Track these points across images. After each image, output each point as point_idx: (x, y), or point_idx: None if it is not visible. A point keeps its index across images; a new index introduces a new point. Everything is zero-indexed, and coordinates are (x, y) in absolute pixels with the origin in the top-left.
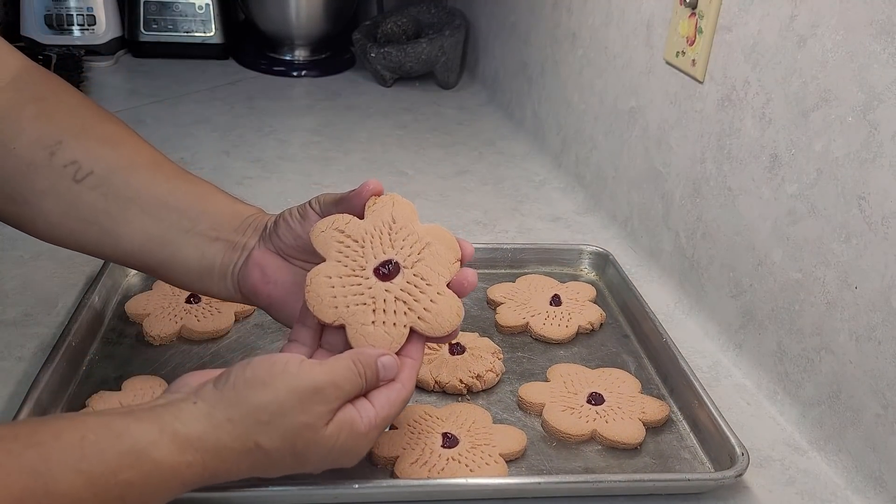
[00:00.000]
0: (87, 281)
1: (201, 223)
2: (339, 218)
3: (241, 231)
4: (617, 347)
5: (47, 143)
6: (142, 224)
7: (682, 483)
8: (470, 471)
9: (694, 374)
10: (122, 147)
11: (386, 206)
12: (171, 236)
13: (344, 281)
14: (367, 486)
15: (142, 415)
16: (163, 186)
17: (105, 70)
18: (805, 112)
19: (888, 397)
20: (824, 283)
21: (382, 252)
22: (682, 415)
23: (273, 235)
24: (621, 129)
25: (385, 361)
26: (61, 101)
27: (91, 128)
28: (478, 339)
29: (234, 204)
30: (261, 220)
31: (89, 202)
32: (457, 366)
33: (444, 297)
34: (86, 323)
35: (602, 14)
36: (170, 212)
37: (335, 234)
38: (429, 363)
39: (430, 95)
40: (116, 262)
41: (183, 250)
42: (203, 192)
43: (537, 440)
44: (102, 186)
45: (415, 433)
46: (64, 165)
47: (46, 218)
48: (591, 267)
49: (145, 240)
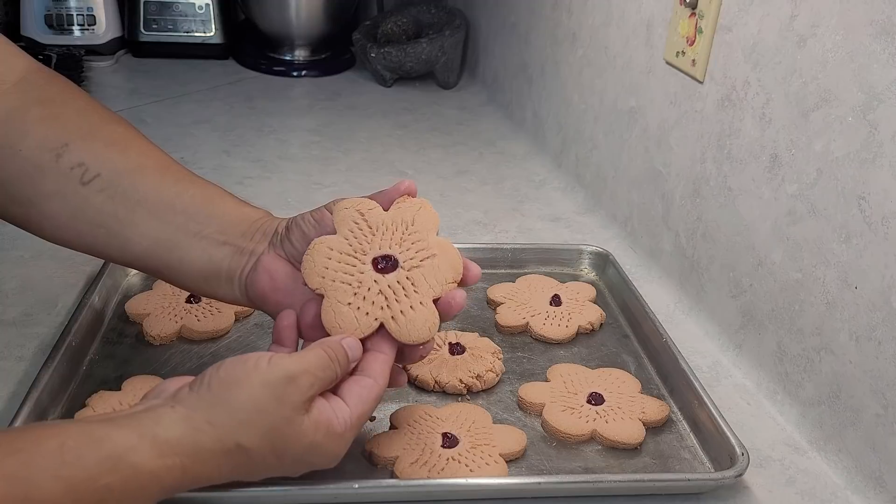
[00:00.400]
0: (87, 281)
1: (209, 227)
2: (365, 202)
3: (248, 236)
4: (617, 347)
5: (53, 145)
6: (149, 227)
7: (682, 483)
8: (470, 471)
9: (694, 374)
10: (130, 150)
11: (412, 209)
12: (179, 239)
13: (342, 258)
14: (368, 486)
15: (122, 421)
16: (170, 189)
17: (105, 70)
18: (805, 112)
19: (888, 397)
20: (824, 283)
21: (388, 247)
22: (681, 415)
23: (285, 241)
24: (621, 129)
25: (349, 343)
26: (68, 103)
27: (98, 130)
28: (478, 339)
29: (241, 207)
30: (270, 224)
31: (96, 205)
32: (457, 366)
33: (424, 308)
34: (86, 323)
35: (602, 14)
36: (177, 215)
37: (355, 214)
38: (429, 363)
39: (430, 95)
40: (124, 264)
41: (190, 254)
42: (211, 196)
43: (537, 440)
44: (109, 189)
45: (415, 433)
46: (71, 168)
47: (53, 220)
48: (591, 267)
49: (152, 243)
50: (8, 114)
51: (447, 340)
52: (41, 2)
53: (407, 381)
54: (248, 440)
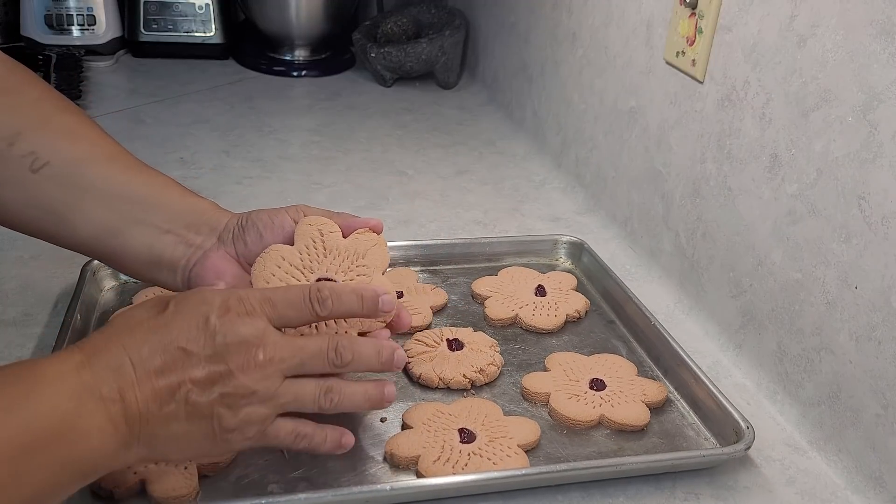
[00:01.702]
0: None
1: (153, 215)
2: (328, 224)
3: (194, 228)
4: (605, 333)
5: (7, 133)
6: (95, 214)
7: (697, 460)
8: (493, 464)
9: (686, 353)
10: (81, 139)
11: (367, 243)
12: (122, 226)
13: (290, 269)
14: (401, 487)
15: None
16: (118, 178)
17: (105, 70)
18: (805, 112)
19: (888, 397)
20: (824, 283)
21: (335, 272)
22: (679, 394)
23: (238, 240)
24: (621, 129)
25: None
26: (24, 92)
27: (50, 119)
28: (473, 333)
29: (187, 197)
30: (217, 217)
31: (46, 191)
32: (459, 361)
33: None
34: (86, 322)
35: (602, 14)
36: (123, 202)
37: (315, 232)
38: (430, 360)
39: (430, 95)
40: (73, 249)
41: (133, 240)
42: (158, 185)
43: (546, 429)
44: (59, 177)
45: (431, 431)
46: (22, 156)
47: (7, 206)
48: (567, 256)
49: (98, 229)
50: None
51: (444, 337)
52: (41, 2)
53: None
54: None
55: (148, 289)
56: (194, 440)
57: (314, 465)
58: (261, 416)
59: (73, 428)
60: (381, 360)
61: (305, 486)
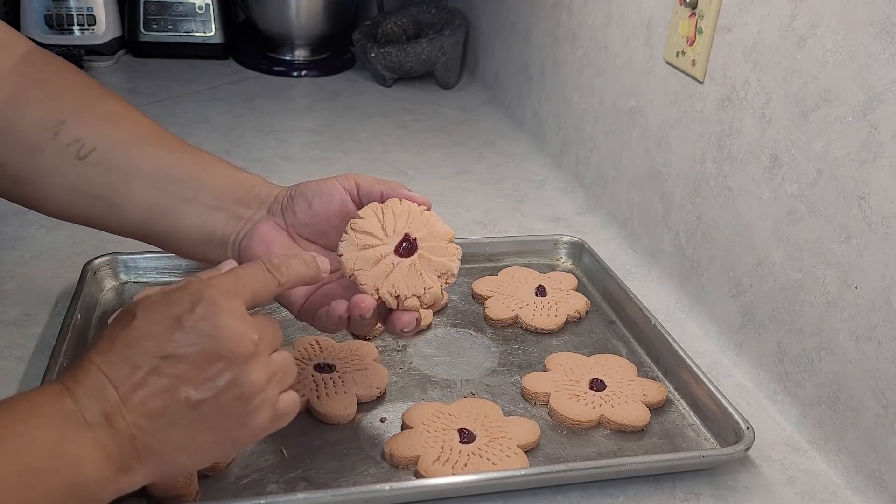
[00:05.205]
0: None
1: (202, 193)
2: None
3: (244, 202)
4: (606, 333)
5: (51, 123)
6: (144, 196)
7: (697, 460)
8: (493, 464)
9: (686, 353)
10: (123, 123)
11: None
12: (173, 206)
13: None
14: (399, 487)
15: None
16: (164, 159)
17: (105, 70)
18: (805, 112)
19: (888, 397)
20: (824, 283)
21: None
22: (679, 394)
23: (287, 211)
24: (621, 129)
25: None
26: (63, 82)
27: (92, 106)
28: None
29: (235, 173)
30: (267, 191)
31: (93, 178)
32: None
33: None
34: (87, 322)
35: (602, 14)
36: (171, 183)
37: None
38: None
39: (430, 95)
40: (123, 234)
41: (185, 220)
42: (204, 163)
43: (546, 429)
44: (105, 162)
45: (431, 431)
46: (67, 144)
47: (53, 196)
48: (568, 256)
49: (148, 211)
50: (7, 96)
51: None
52: (41, 2)
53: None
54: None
55: (148, 289)
56: (203, 443)
57: (313, 465)
58: (272, 399)
59: (57, 457)
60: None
61: (305, 486)
